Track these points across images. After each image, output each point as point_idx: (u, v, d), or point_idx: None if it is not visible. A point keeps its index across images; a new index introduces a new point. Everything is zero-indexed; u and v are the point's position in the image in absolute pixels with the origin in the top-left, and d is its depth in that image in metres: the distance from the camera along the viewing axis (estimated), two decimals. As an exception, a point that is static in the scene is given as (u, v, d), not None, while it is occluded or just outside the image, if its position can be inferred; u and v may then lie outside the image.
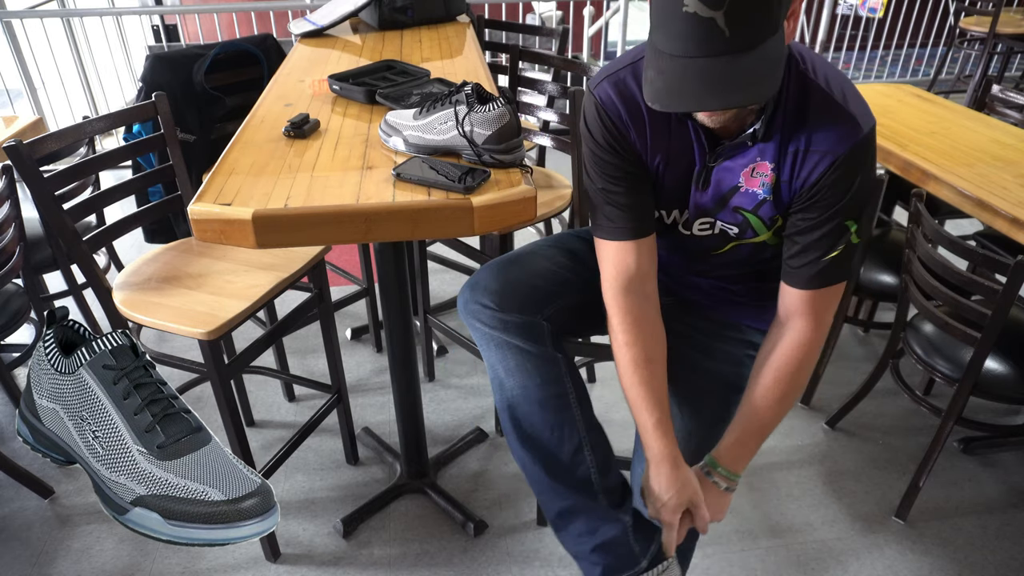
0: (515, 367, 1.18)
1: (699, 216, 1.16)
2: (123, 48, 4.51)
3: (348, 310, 2.82)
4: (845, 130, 1.01)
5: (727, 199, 1.11)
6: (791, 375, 1.13)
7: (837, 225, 1.06)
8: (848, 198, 1.04)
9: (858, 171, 1.03)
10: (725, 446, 1.17)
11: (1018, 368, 1.78)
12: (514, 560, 1.83)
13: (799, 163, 1.05)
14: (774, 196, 1.08)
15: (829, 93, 1.02)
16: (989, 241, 2.23)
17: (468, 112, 1.21)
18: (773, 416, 1.15)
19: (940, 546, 1.87)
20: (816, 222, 1.06)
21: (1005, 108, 2.54)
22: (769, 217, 1.11)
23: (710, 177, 1.11)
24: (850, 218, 1.06)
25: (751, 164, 1.08)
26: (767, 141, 1.06)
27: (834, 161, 1.02)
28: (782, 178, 1.07)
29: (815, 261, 1.08)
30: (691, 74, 0.89)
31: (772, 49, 0.89)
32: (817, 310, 1.12)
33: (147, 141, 1.82)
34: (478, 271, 1.30)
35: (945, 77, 5.29)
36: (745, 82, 0.88)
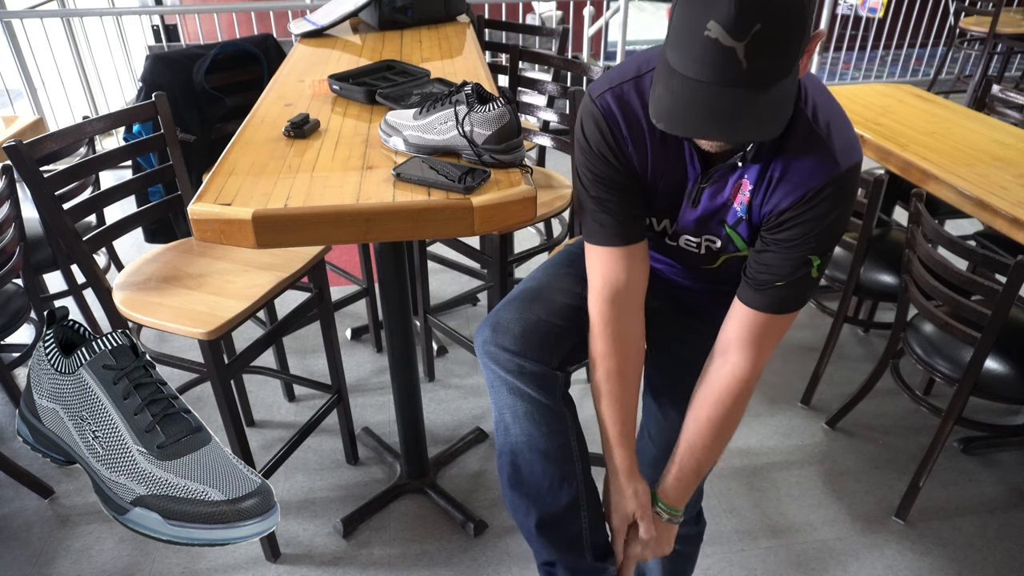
0: (523, 414, 1.16)
1: (687, 232, 1.16)
2: (123, 48, 4.51)
3: (348, 310, 2.82)
4: (822, 164, 0.99)
5: (715, 214, 1.11)
6: (725, 414, 1.13)
7: (799, 256, 1.04)
8: (817, 232, 1.02)
9: (832, 207, 1.01)
10: (665, 484, 1.18)
11: (1018, 368, 1.78)
12: (514, 560, 1.83)
13: (772, 190, 1.04)
14: (748, 215, 1.08)
15: (813, 125, 1.00)
16: (989, 241, 2.23)
17: (468, 112, 1.21)
18: (709, 455, 1.16)
19: (940, 546, 1.87)
20: (779, 248, 1.05)
21: (1005, 108, 2.54)
22: (746, 235, 1.11)
23: (701, 196, 1.11)
24: (815, 253, 1.04)
25: (740, 181, 1.07)
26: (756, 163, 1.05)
27: (804, 194, 1.00)
28: (754, 200, 1.06)
29: (766, 283, 1.07)
30: (700, 100, 0.87)
31: (784, 90, 0.88)
32: (757, 339, 1.10)
33: (147, 141, 1.82)
34: (500, 308, 1.23)
35: (945, 77, 5.29)
36: (752, 119, 0.87)
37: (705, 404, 1.14)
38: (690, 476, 1.17)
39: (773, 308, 1.08)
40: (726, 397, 1.12)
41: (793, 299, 1.08)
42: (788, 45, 0.86)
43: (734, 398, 1.12)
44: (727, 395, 1.12)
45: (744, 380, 1.12)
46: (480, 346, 1.19)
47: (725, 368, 1.13)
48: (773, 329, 1.11)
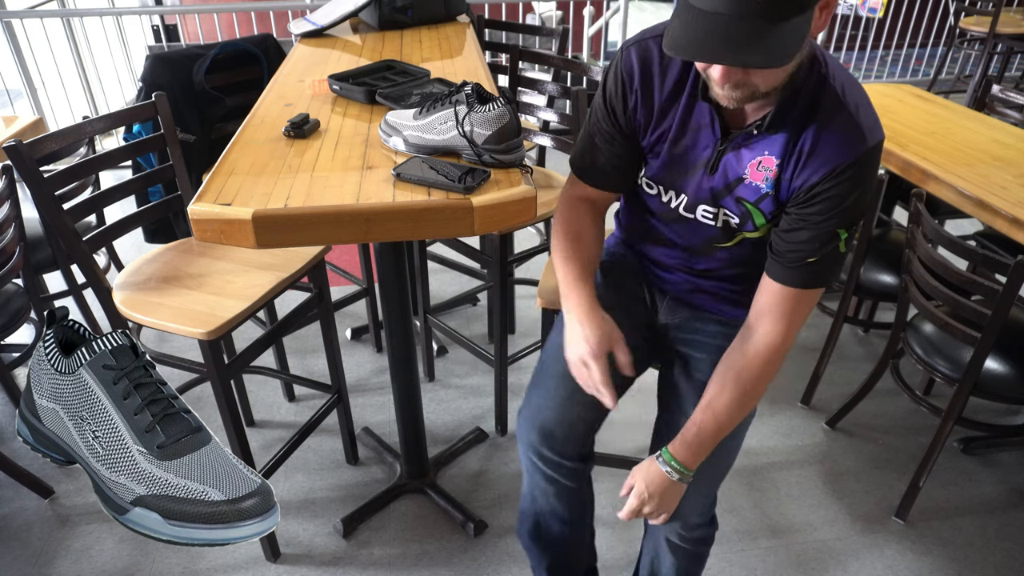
0: (554, 494, 1.36)
1: (704, 202, 1.16)
2: (123, 48, 4.51)
3: (348, 310, 2.82)
4: (851, 139, 1.02)
5: (732, 187, 1.12)
6: (752, 381, 1.14)
7: (828, 231, 1.06)
8: (844, 207, 1.04)
9: (858, 182, 1.03)
10: (681, 443, 1.18)
11: (1018, 368, 1.78)
12: (514, 560, 1.83)
13: (802, 163, 1.05)
14: (775, 191, 1.09)
15: (843, 100, 1.02)
16: (989, 241, 2.23)
17: (468, 112, 1.21)
18: (729, 420, 1.16)
19: (940, 546, 1.87)
20: (807, 223, 1.07)
21: (1005, 108, 2.54)
22: (770, 212, 1.12)
23: (719, 163, 1.12)
24: (842, 226, 1.06)
25: (758, 157, 1.09)
26: (774, 133, 1.06)
27: (834, 168, 1.02)
28: (783, 174, 1.07)
29: (798, 260, 1.09)
30: (715, 30, 0.90)
31: (797, 27, 0.90)
32: (788, 312, 1.12)
33: (147, 141, 1.82)
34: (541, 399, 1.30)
35: (945, 77, 5.29)
36: (765, 47, 0.89)
37: (734, 366, 1.15)
38: (708, 437, 1.17)
39: (805, 283, 1.10)
40: (755, 361, 1.13)
41: (824, 274, 1.10)
42: None
43: (763, 363, 1.13)
44: (756, 359, 1.13)
45: (775, 347, 1.13)
46: (526, 445, 1.33)
47: (756, 335, 1.14)
48: (804, 303, 1.12)
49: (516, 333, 2.71)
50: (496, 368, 2.17)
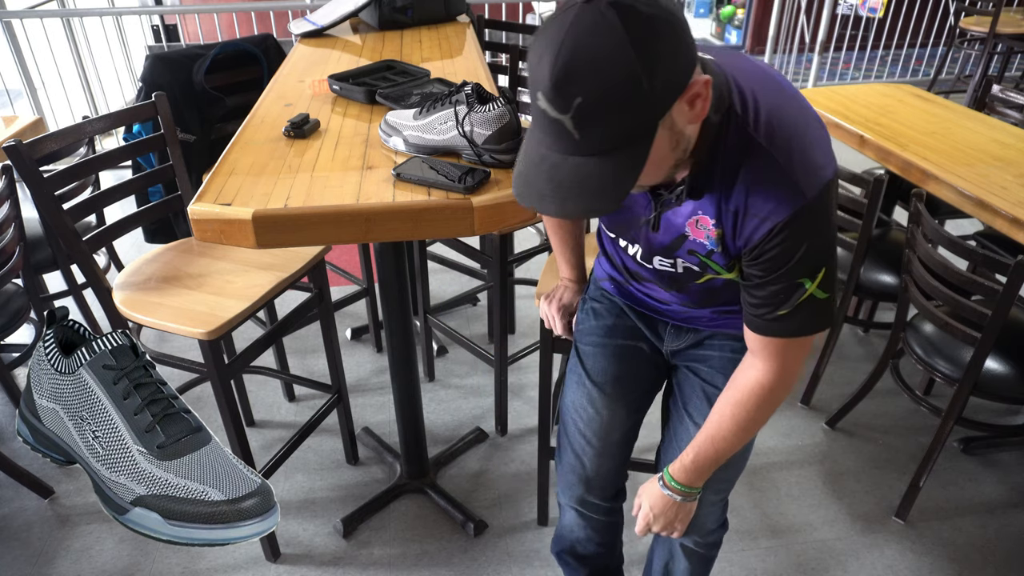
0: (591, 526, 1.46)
1: (658, 253, 1.12)
2: (123, 48, 4.51)
3: (348, 310, 2.82)
4: (783, 196, 0.92)
5: (680, 242, 1.07)
6: (747, 416, 1.11)
7: (788, 285, 0.98)
8: (796, 262, 0.96)
9: (804, 236, 0.94)
10: (680, 467, 1.18)
11: (1018, 368, 1.78)
12: (514, 560, 1.83)
13: (740, 223, 0.98)
14: (722, 248, 1.03)
15: (770, 154, 0.91)
16: (989, 241, 2.23)
17: (468, 112, 1.21)
18: (727, 449, 1.15)
19: (940, 546, 1.87)
20: (764, 280, 1.00)
21: (1005, 108, 2.54)
22: (724, 263, 1.06)
23: (659, 221, 1.07)
24: (803, 277, 0.98)
25: (694, 217, 1.03)
26: (697, 199, 1.00)
27: (773, 228, 0.94)
28: (726, 233, 1.01)
29: (768, 314, 1.02)
30: (543, 168, 0.83)
31: (636, 155, 0.81)
32: (777, 356, 1.06)
33: (147, 141, 1.82)
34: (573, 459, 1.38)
35: (945, 77, 5.29)
36: (590, 190, 0.81)
37: (729, 403, 1.12)
38: (707, 462, 1.16)
39: (784, 334, 1.04)
40: (749, 400, 1.10)
41: (805, 323, 1.02)
42: (623, 111, 0.77)
43: (757, 403, 1.10)
44: (750, 399, 1.10)
45: (769, 386, 1.08)
46: (568, 496, 1.42)
47: (751, 372, 1.10)
48: (792, 348, 1.06)
49: (516, 333, 2.71)
50: (496, 368, 2.17)
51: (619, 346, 1.31)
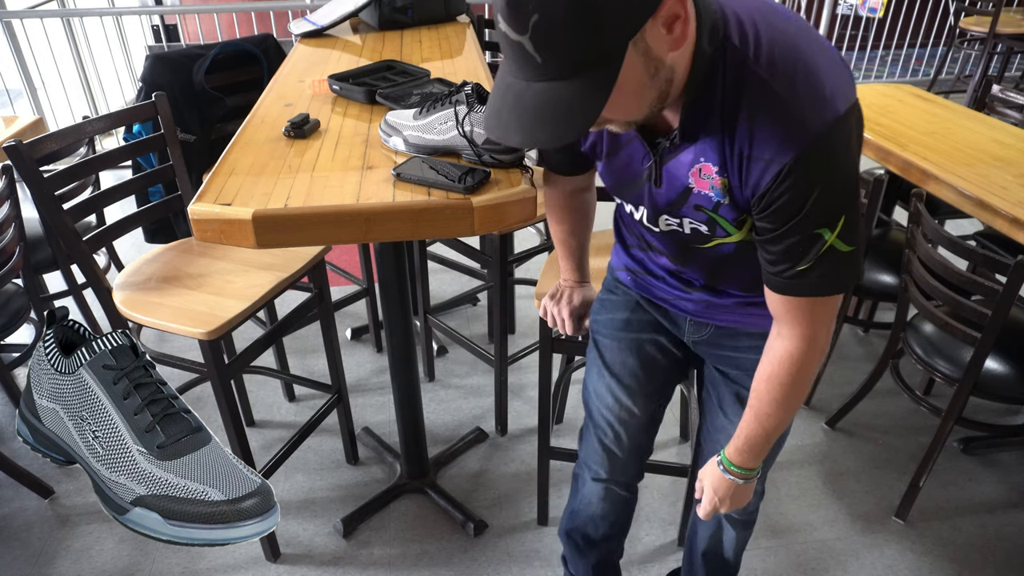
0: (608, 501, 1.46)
1: (662, 212, 1.06)
2: (123, 48, 4.51)
3: (348, 310, 2.82)
4: (788, 133, 0.84)
5: (686, 197, 1.01)
6: (786, 387, 1.06)
7: (805, 235, 0.91)
8: (808, 208, 0.88)
9: (815, 181, 0.86)
10: (735, 450, 1.16)
11: (1018, 368, 1.78)
12: (514, 560, 1.83)
13: (745, 168, 0.90)
14: (730, 199, 0.96)
15: (771, 87, 0.84)
16: (989, 241, 2.23)
17: (468, 112, 1.21)
18: (776, 425, 1.11)
19: (940, 546, 1.87)
20: (778, 233, 0.92)
21: (1005, 108, 2.54)
22: (733, 219, 0.99)
23: (661, 174, 1.01)
24: (821, 227, 0.90)
25: (696, 164, 0.96)
26: (692, 142, 0.94)
27: (780, 171, 0.86)
28: (732, 183, 0.94)
29: (788, 271, 0.95)
30: (508, 97, 0.80)
31: (602, 79, 0.77)
32: (804, 320, 1.00)
33: (147, 141, 1.82)
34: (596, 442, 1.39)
35: (945, 77, 5.29)
36: (555, 116, 0.78)
37: (763, 379, 1.08)
38: (759, 441, 1.13)
39: (808, 292, 0.96)
40: (782, 373, 1.05)
41: (829, 278, 0.94)
42: (583, 30, 0.73)
43: (791, 374, 1.04)
44: (783, 372, 1.04)
45: (800, 352, 1.02)
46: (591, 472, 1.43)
47: (779, 343, 1.04)
48: (819, 308, 0.98)
49: (516, 333, 2.71)
50: (496, 368, 2.17)
51: (635, 339, 1.30)
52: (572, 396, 2.38)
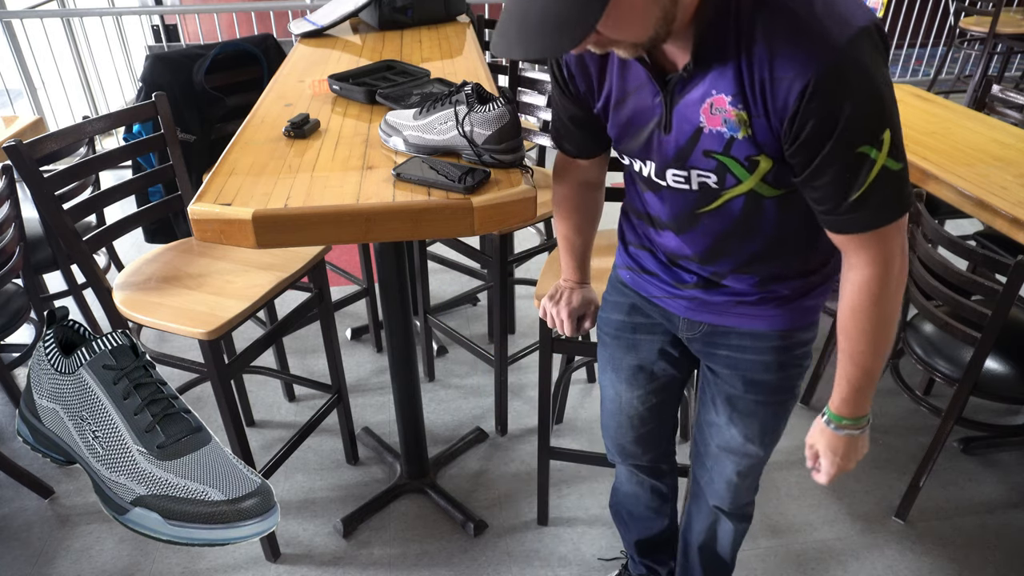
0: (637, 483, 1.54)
1: (671, 165, 1.04)
2: (123, 48, 4.51)
3: (348, 310, 2.82)
4: (810, 48, 0.82)
5: (696, 141, 0.98)
6: (870, 319, 1.00)
7: (847, 159, 0.87)
8: (844, 127, 0.85)
9: (845, 95, 0.83)
10: (841, 401, 1.11)
11: (1018, 368, 1.78)
12: (514, 560, 1.83)
13: (770, 93, 0.87)
14: (749, 134, 0.92)
15: (787, 5, 0.83)
16: (989, 241, 2.23)
17: (468, 112, 1.21)
18: (872, 359, 1.05)
19: (940, 546, 1.87)
20: (820, 162, 0.88)
21: (1005, 108, 2.54)
22: (746, 157, 0.95)
23: (671, 118, 0.99)
24: (864, 144, 0.86)
25: (708, 100, 0.93)
26: (707, 70, 0.91)
27: (805, 86, 0.83)
28: (754, 113, 0.90)
29: (841, 205, 0.91)
30: (515, 14, 0.80)
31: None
32: (871, 249, 0.95)
33: (147, 141, 1.82)
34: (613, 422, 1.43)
35: (945, 77, 5.29)
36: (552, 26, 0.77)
37: (846, 314, 1.03)
38: (862, 382, 1.07)
39: (870, 225, 0.92)
40: (863, 302, 1.00)
41: (888, 204, 0.90)
42: None
43: (873, 303, 0.99)
44: (864, 302, 1.00)
45: (876, 284, 0.97)
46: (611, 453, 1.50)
47: (852, 274, 1.00)
48: (886, 238, 0.94)
49: (516, 333, 2.71)
50: (496, 368, 2.17)
51: (633, 339, 1.32)
52: (572, 396, 2.38)
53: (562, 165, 1.29)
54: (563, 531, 1.91)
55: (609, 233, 1.71)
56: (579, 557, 1.84)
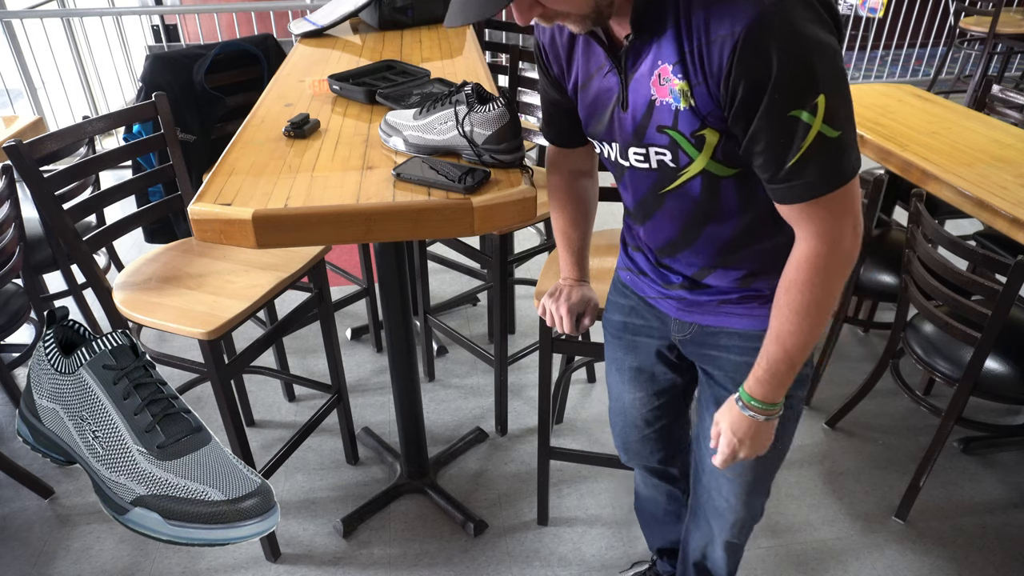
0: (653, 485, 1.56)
1: (631, 144, 1.05)
2: (123, 48, 4.51)
3: (348, 310, 2.82)
4: (745, 4, 0.84)
5: (650, 115, 0.99)
6: (804, 295, 1.00)
7: (782, 122, 0.88)
8: (774, 83, 0.85)
9: (772, 52, 0.84)
10: (755, 381, 1.09)
11: (1018, 368, 1.78)
12: (514, 560, 1.83)
13: (706, 57, 0.89)
14: (692, 104, 0.94)
15: None
16: (989, 241, 2.23)
17: (468, 112, 1.21)
18: (798, 344, 1.03)
19: (940, 546, 1.87)
20: (755, 126, 0.89)
21: (1005, 108, 2.54)
22: (691, 133, 0.96)
23: (627, 94, 1.01)
24: (795, 107, 0.86)
25: (655, 70, 0.95)
26: (651, 38, 0.94)
27: (735, 43, 0.85)
28: (694, 81, 0.92)
29: (779, 172, 0.92)
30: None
31: None
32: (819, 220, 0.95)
33: (147, 141, 1.82)
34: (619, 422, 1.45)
35: (945, 77, 5.29)
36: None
37: (781, 290, 1.02)
38: (781, 367, 1.06)
39: (811, 192, 0.92)
40: (800, 278, 0.99)
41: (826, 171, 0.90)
42: None
43: (809, 278, 0.98)
44: (801, 276, 0.99)
45: (817, 257, 0.97)
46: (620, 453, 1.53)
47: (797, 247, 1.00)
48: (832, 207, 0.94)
49: (516, 333, 2.71)
50: (496, 368, 2.17)
51: (633, 341, 1.33)
52: (572, 396, 2.38)
53: (553, 156, 1.31)
54: (563, 531, 1.91)
55: (610, 233, 1.71)
56: (579, 557, 1.84)
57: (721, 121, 0.94)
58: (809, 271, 0.98)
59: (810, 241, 0.97)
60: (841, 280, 1.00)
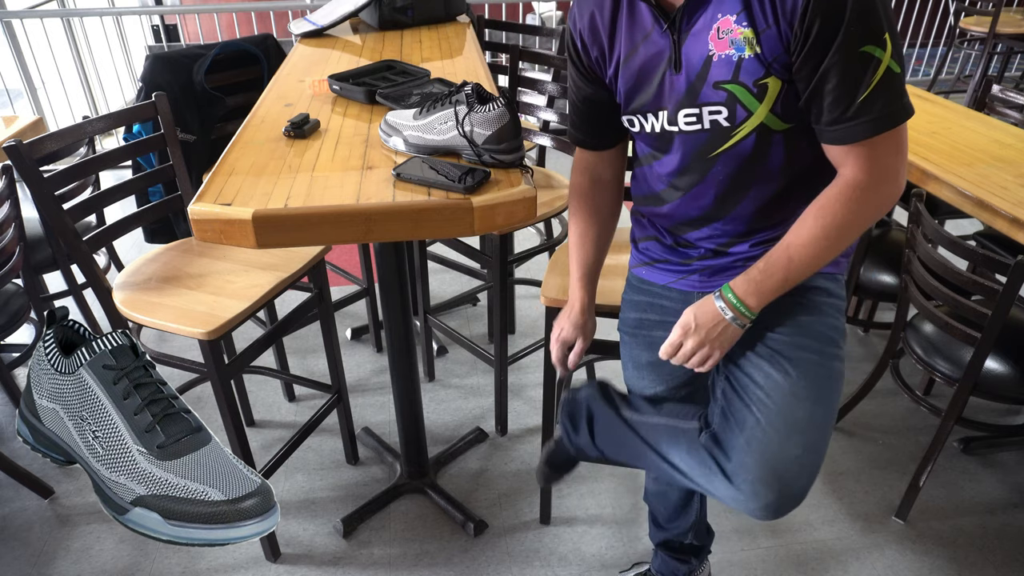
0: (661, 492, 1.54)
1: (683, 105, 1.05)
2: (123, 48, 4.51)
3: (348, 310, 2.82)
4: None
5: (705, 74, 1.00)
6: (835, 217, 0.99)
7: (855, 59, 0.91)
8: (849, 23, 0.89)
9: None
10: (744, 277, 1.08)
11: (1018, 368, 1.78)
12: (514, 560, 1.83)
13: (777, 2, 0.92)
14: (757, 51, 0.95)
15: None
16: (989, 241, 2.23)
17: (468, 112, 1.21)
18: (804, 260, 1.03)
19: (940, 546, 1.87)
20: (828, 63, 0.92)
21: (1005, 108, 2.54)
22: (754, 81, 0.97)
23: (680, 56, 1.02)
24: (868, 43, 0.90)
25: (714, 25, 0.97)
26: None
27: None
28: (760, 27, 0.94)
29: (849, 108, 0.94)
30: None
31: None
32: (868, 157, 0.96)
33: (147, 141, 1.82)
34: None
35: (945, 77, 5.29)
36: None
37: (812, 208, 1.02)
38: (776, 273, 1.04)
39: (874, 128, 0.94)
40: (835, 202, 0.99)
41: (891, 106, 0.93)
42: None
43: (844, 202, 0.99)
44: (836, 200, 0.99)
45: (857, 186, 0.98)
46: None
47: (841, 173, 1.01)
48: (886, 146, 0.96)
49: (516, 333, 2.71)
50: (496, 368, 2.17)
51: (647, 337, 1.33)
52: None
53: (580, 161, 1.31)
54: (563, 531, 1.91)
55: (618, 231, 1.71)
56: (579, 557, 1.84)
57: (785, 69, 0.96)
58: (846, 197, 1.00)
59: (858, 174, 0.99)
60: (875, 216, 1.02)
